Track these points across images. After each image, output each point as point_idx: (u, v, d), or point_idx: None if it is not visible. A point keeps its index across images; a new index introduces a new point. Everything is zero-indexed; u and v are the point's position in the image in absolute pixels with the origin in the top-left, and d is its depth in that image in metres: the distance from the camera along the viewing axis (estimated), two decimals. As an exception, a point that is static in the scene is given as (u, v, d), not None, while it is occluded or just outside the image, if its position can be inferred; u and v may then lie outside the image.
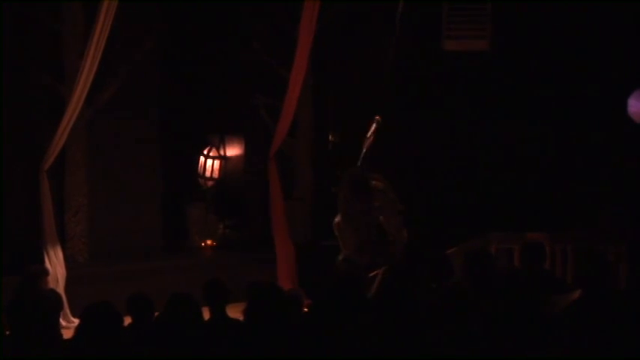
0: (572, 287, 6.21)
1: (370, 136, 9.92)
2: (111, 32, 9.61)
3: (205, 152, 14.27)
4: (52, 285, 9.60)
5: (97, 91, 11.05)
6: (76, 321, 6.67)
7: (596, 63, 12.19)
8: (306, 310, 6.39)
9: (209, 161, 14.25)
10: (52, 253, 10.00)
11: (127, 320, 5.91)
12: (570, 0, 11.95)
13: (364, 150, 9.83)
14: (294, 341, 4.84)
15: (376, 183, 9.55)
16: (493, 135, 12.66)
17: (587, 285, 5.35)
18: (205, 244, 13.76)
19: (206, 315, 5.77)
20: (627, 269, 9.85)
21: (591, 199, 11.96)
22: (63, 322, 9.31)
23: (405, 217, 9.67)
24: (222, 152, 14.47)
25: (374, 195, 9.47)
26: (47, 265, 9.93)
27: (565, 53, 12.31)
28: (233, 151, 14.59)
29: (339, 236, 9.71)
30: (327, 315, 5.24)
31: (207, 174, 14.23)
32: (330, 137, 13.38)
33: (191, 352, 4.92)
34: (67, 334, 5.85)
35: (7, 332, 5.67)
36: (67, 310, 9.85)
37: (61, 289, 9.83)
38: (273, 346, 4.79)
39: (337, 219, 9.72)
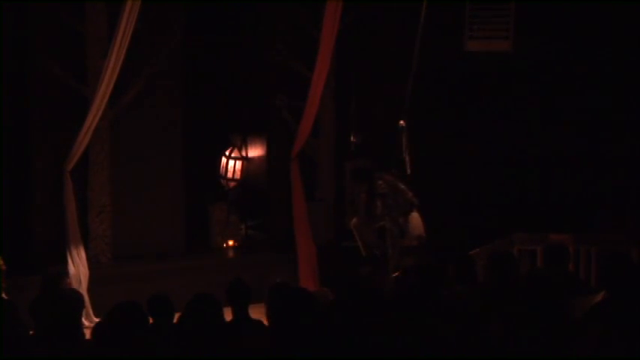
0: (596, 289, 6.17)
1: (405, 144, 9.95)
2: (134, 33, 9.65)
3: (227, 153, 14.30)
4: (74, 285, 9.67)
5: (120, 92, 11.11)
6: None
7: (622, 64, 12.13)
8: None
9: (231, 162, 14.28)
10: (75, 253, 10.06)
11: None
12: (594, 0, 11.90)
13: (406, 157, 9.87)
14: (315, 341, 4.84)
15: (381, 183, 9.53)
16: (516, 135, 12.62)
17: (611, 287, 5.31)
18: (227, 244, 13.79)
19: (228, 315, 5.78)
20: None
21: (616, 200, 11.89)
22: (85, 322, 9.37)
23: (420, 213, 9.66)
24: (244, 153, 14.49)
25: (377, 198, 9.47)
26: (70, 265, 9.99)
27: (589, 53, 12.25)
28: (255, 151, 14.60)
29: (359, 236, 9.72)
30: (346, 315, 5.24)
31: (229, 175, 14.26)
32: (352, 138, 13.37)
33: (213, 352, 4.92)
34: (90, 333, 5.89)
35: (31, 332, 5.72)
36: (90, 310, 9.91)
37: (83, 289, 9.89)
38: (295, 346, 4.79)
39: (354, 220, 9.74)
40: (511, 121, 12.61)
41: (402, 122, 10.03)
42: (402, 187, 9.63)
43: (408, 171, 9.88)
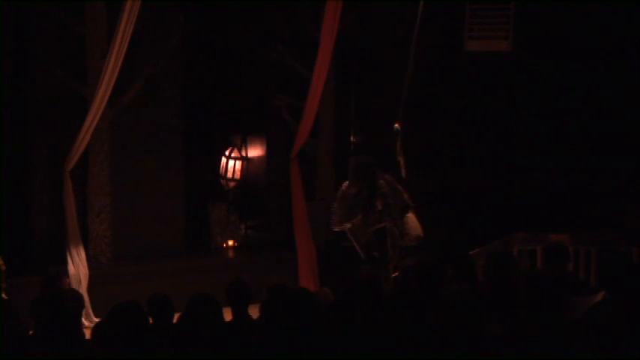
0: (596, 289, 6.17)
1: (399, 147, 9.93)
2: (134, 33, 9.65)
3: (227, 153, 14.30)
4: (74, 285, 9.68)
5: (120, 92, 11.11)
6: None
7: (620, 62, 12.13)
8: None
9: (231, 162, 14.28)
10: (74, 253, 10.05)
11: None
12: (593, 0, 11.90)
13: (400, 159, 9.85)
14: (315, 341, 4.84)
15: (382, 183, 9.53)
16: (516, 135, 12.62)
17: (611, 287, 5.31)
18: (227, 244, 13.79)
19: (228, 315, 5.78)
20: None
21: (616, 199, 11.89)
22: (85, 322, 9.37)
23: (417, 214, 9.64)
24: (244, 153, 14.50)
25: (378, 197, 9.46)
26: (70, 265, 9.99)
27: (587, 53, 12.25)
28: (255, 151, 14.60)
29: (355, 238, 9.69)
30: (345, 315, 5.24)
31: (229, 175, 14.26)
32: (352, 138, 13.37)
33: (212, 352, 4.92)
34: (90, 333, 5.89)
35: (31, 332, 5.72)
36: (90, 310, 9.91)
37: (83, 289, 9.89)
38: (294, 346, 4.79)
39: (348, 225, 9.71)
40: (511, 121, 12.61)
41: (397, 125, 9.99)
42: (399, 188, 9.63)
43: (403, 173, 9.85)
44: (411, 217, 9.52)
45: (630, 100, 12.17)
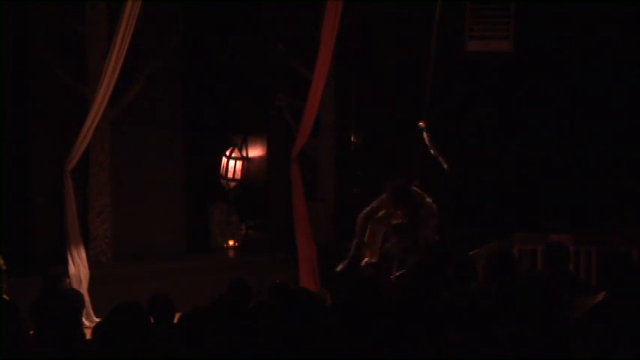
0: (596, 289, 6.17)
1: (429, 142, 9.91)
2: (134, 33, 9.65)
3: (228, 153, 14.29)
4: (75, 285, 9.68)
5: (120, 92, 11.11)
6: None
7: (621, 63, 12.13)
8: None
9: (231, 162, 14.27)
10: (75, 253, 10.06)
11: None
12: (594, 0, 11.90)
13: (434, 152, 9.83)
14: (315, 342, 4.84)
15: (422, 211, 9.50)
16: (516, 135, 12.61)
17: (611, 287, 5.31)
18: (228, 244, 13.79)
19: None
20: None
21: (616, 199, 11.88)
22: (86, 322, 9.37)
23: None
24: (244, 153, 14.49)
25: (417, 204, 9.44)
26: (70, 265, 9.99)
27: (588, 53, 12.25)
28: (255, 152, 14.59)
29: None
30: (347, 316, 5.24)
31: (230, 175, 14.25)
32: (352, 138, 13.37)
33: (213, 352, 4.92)
34: (90, 333, 5.89)
35: (32, 332, 5.72)
36: (90, 310, 9.91)
37: (84, 289, 9.89)
38: (295, 346, 4.79)
39: (364, 261, 9.67)
40: (511, 121, 12.60)
41: (421, 123, 9.98)
42: (427, 199, 9.57)
43: (445, 166, 9.85)
44: (430, 226, 9.49)
45: (631, 100, 12.17)
